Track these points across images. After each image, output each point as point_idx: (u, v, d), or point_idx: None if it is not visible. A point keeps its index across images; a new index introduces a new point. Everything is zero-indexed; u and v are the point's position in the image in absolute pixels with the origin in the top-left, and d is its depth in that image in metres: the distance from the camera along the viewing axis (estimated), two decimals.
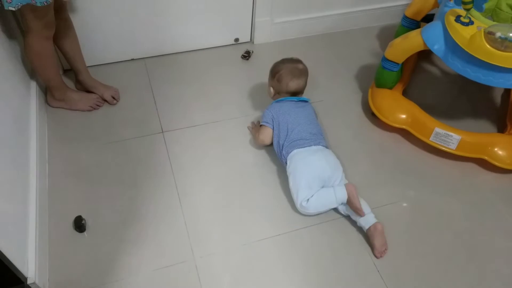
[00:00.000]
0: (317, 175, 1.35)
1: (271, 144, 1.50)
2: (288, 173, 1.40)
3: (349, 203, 1.33)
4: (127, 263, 1.25)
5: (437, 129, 1.51)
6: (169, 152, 1.53)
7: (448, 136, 1.50)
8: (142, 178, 1.45)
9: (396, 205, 1.44)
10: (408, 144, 1.62)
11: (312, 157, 1.38)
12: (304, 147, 1.40)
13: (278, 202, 1.42)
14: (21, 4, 1.24)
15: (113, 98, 1.67)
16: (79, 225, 1.30)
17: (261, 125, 1.50)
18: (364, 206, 1.34)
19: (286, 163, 1.42)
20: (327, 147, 1.46)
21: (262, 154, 1.55)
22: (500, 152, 1.50)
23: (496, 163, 1.50)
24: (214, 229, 1.34)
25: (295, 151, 1.39)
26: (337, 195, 1.32)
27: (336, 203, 1.34)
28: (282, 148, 1.43)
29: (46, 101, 1.64)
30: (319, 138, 1.45)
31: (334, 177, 1.38)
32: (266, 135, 1.48)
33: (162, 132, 1.60)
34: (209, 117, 1.66)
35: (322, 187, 1.37)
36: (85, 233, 1.31)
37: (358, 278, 1.26)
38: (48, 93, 1.62)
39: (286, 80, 1.47)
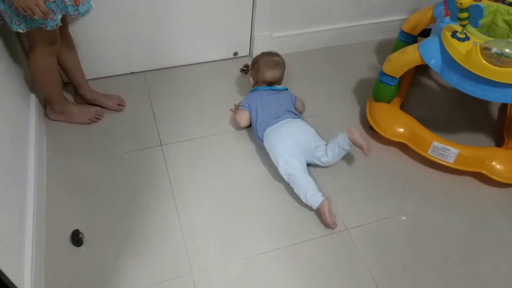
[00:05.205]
0: (292, 143, 1.46)
1: (248, 126, 1.65)
2: (267, 150, 1.52)
3: (320, 213, 1.38)
4: (124, 277, 1.24)
5: (435, 143, 1.51)
6: (168, 166, 1.53)
7: (446, 150, 1.51)
8: (140, 192, 1.45)
9: (394, 219, 1.44)
10: (406, 157, 1.63)
11: (282, 129, 1.50)
12: (273, 124, 1.52)
13: (277, 215, 1.42)
14: (31, 27, 1.26)
15: (119, 105, 1.69)
16: (77, 239, 1.29)
17: (239, 109, 1.66)
18: (334, 140, 1.49)
19: (263, 143, 1.54)
20: (298, 117, 1.57)
21: (261, 168, 1.55)
22: (498, 166, 1.50)
23: (494, 177, 1.50)
24: (212, 243, 1.33)
25: (267, 130, 1.52)
26: (312, 198, 1.38)
27: (306, 201, 1.39)
28: (257, 131, 1.55)
29: (45, 114, 1.65)
30: (287, 113, 1.55)
31: (311, 139, 1.49)
32: (241, 116, 1.62)
33: (161, 145, 1.60)
34: (208, 130, 1.66)
35: (306, 159, 1.48)
36: (82, 247, 1.30)
37: None
38: (47, 106, 1.63)
39: (263, 70, 1.63)
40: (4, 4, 1.20)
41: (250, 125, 1.65)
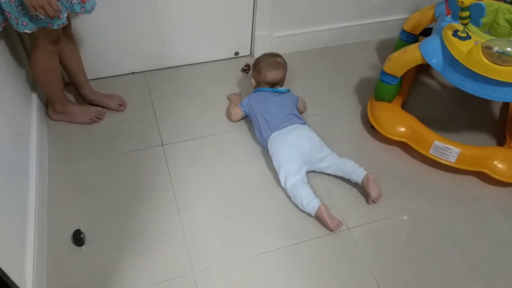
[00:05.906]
0: (296, 153, 1.45)
1: (239, 120, 1.69)
2: (270, 155, 1.50)
3: (320, 220, 1.38)
4: (126, 277, 1.24)
5: (437, 142, 1.51)
6: (169, 165, 1.53)
7: (447, 149, 1.51)
8: (141, 192, 1.45)
9: (396, 218, 1.43)
10: (408, 157, 1.62)
11: (288, 136, 1.49)
12: (280, 129, 1.50)
13: (279, 215, 1.42)
14: (37, 27, 1.26)
15: (120, 105, 1.69)
16: (78, 239, 1.29)
17: (236, 105, 1.67)
18: (351, 165, 1.47)
19: (268, 146, 1.52)
20: (304, 124, 1.56)
21: (263, 167, 1.55)
22: (500, 165, 1.50)
23: (496, 177, 1.50)
24: (214, 242, 1.33)
25: (273, 134, 1.50)
26: (308, 205, 1.38)
27: (304, 209, 1.39)
28: (262, 132, 1.54)
29: (47, 114, 1.65)
30: (293, 118, 1.55)
31: (315, 149, 1.48)
32: (234, 112, 1.67)
33: (162, 145, 1.60)
34: (209, 130, 1.66)
35: (307, 168, 1.47)
36: (83, 247, 1.30)
37: None
38: (49, 106, 1.63)
39: (265, 71, 1.62)
40: (10, 5, 1.19)
41: (251, 125, 1.65)
